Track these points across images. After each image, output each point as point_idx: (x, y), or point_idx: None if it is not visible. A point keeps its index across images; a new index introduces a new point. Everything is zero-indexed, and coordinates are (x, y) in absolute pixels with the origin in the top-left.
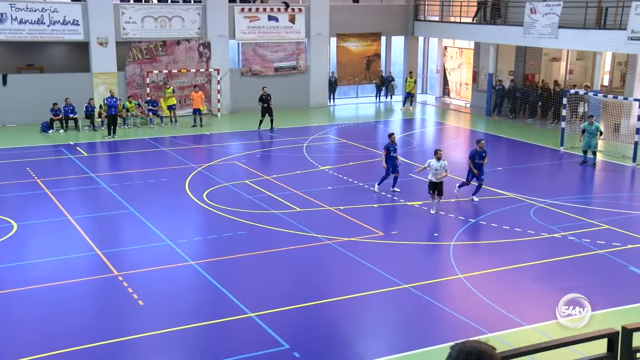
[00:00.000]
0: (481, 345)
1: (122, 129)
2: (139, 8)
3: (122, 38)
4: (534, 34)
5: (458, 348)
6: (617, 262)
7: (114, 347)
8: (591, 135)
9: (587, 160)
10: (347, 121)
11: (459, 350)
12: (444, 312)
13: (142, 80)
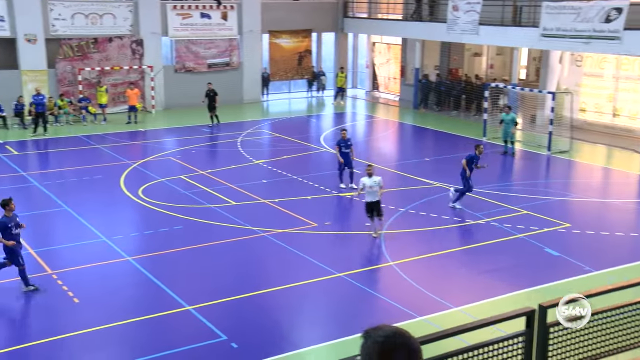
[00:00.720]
0: (410, 340)
1: (54, 126)
2: (69, 5)
3: (52, 35)
4: (456, 31)
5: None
6: (535, 245)
7: (49, 346)
8: (508, 125)
9: (508, 150)
10: (280, 116)
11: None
12: (377, 298)
13: (74, 77)
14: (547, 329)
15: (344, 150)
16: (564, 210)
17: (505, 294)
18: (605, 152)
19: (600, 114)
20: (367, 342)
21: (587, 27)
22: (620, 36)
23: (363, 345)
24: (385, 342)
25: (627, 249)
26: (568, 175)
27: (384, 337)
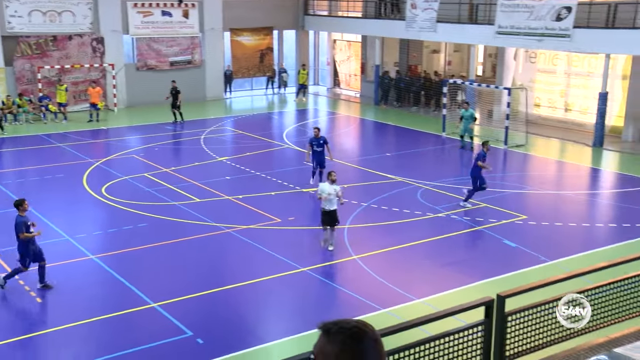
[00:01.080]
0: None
1: (13, 125)
2: (25, 1)
3: (8, 32)
4: (415, 28)
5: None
6: (494, 237)
7: (12, 346)
8: (467, 120)
9: (465, 145)
10: (243, 113)
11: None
12: (340, 292)
13: (33, 76)
14: (505, 317)
15: (316, 148)
16: (521, 203)
17: (466, 285)
18: (558, 146)
19: (554, 108)
20: (330, 335)
21: (539, 25)
22: (570, 34)
23: (328, 338)
24: (354, 332)
25: (580, 239)
26: (524, 169)
27: (351, 328)
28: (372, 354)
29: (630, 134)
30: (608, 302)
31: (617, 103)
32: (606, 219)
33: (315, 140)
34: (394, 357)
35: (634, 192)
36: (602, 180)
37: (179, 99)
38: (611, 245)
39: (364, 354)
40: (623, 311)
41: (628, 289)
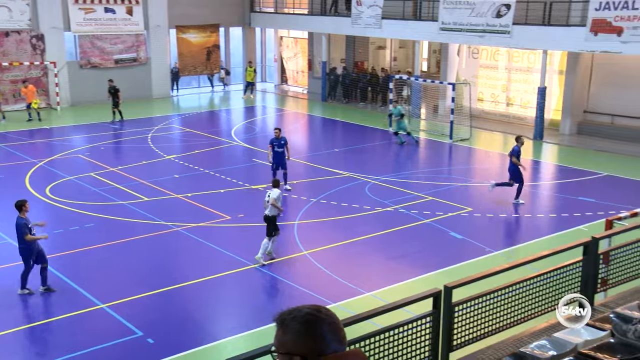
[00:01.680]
0: (329, 312)
1: None
2: None
3: None
4: (360, 24)
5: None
6: (441, 229)
7: None
8: (397, 117)
9: (406, 141)
10: (190, 111)
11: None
12: (291, 287)
13: None
14: (453, 308)
15: (277, 149)
16: (466, 195)
17: (414, 277)
18: (501, 139)
19: (496, 103)
20: (285, 325)
21: (481, 22)
22: (510, 30)
23: (284, 329)
24: (307, 319)
25: (523, 230)
26: (469, 162)
27: (308, 314)
28: (330, 336)
29: (568, 127)
30: (549, 289)
31: (555, 97)
32: (547, 209)
33: (276, 141)
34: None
35: (572, 183)
36: (543, 172)
37: (119, 97)
38: (551, 235)
39: (321, 338)
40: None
41: (567, 275)
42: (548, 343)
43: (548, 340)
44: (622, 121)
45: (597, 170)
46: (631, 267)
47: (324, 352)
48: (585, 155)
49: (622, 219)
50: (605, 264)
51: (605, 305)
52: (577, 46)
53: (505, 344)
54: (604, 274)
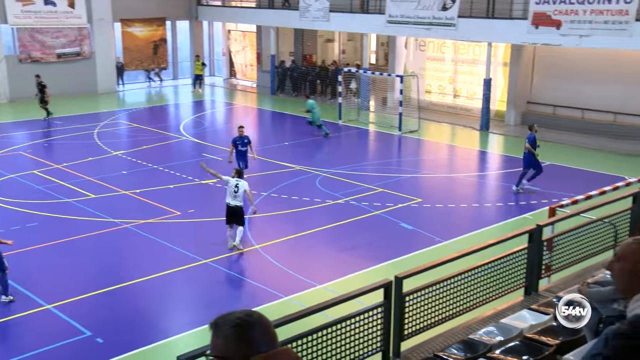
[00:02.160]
0: (261, 317)
1: None
2: None
3: None
4: (308, 18)
5: (241, 323)
6: (391, 220)
7: None
8: (313, 109)
9: (328, 132)
10: (138, 106)
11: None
12: (243, 282)
13: None
14: (403, 298)
15: (240, 148)
16: (416, 187)
17: (365, 268)
18: (449, 130)
19: (443, 95)
20: (218, 330)
21: (427, 15)
22: (455, 23)
23: (218, 332)
24: (238, 323)
25: (471, 219)
26: (418, 153)
27: (238, 319)
28: (260, 340)
29: (513, 118)
30: (496, 277)
31: (500, 89)
32: (493, 199)
33: (239, 140)
34: (297, 343)
35: (517, 173)
36: (489, 162)
37: (47, 93)
38: (498, 223)
39: (253, 341)
40: (508, 284)
41: (513, 263)
42: (495, 329)
43: (495, 327)
44: (562, 111)
45: (540, 160)
46: (573, 253)
47: (256, 352)
48: None
49: (564, 206)
50: (549, 250)
51: (549, 291)
52: (519, 39)
53: (455, 331)
54: (548, 260)
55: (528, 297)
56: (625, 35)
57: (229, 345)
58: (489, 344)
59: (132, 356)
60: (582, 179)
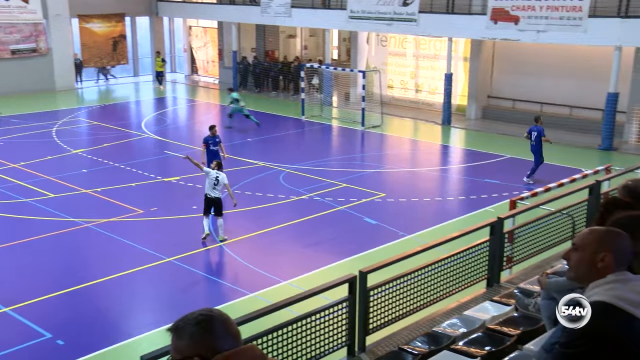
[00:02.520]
0: (220, 312)
1: None
2: None
3: None
4: (270, 13)
5: (202, 319)
6: (355, 215)
7: None
8: (232, 102)
9: (258, 122)
10: (97, 103)
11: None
12: (208, 279)
13: None
14: (368, 292)
15: (212, 147)
16: (379, 181)
17: (330, 264)
18: (411, 125)
19: (405, 90)
20: (179, 331)
21: (388, 10)
22: (416, 18)
23: (182, 333)
24: (200, 321)
25: (434, 213)
26: (381, 148)
27: (201, 315)
28: (224, 333)
29: (474, 112)
30: (459, 269)
31: (461, 83)
32: (456, 192)
33: (211, 139)
34: (263, 339)
35: (478, 166)
36: (451, 156)
37: None
38: (461, 217)
39: (216, 336)
40: (471, 276)
41: (475, 255)
42: (459, 321)
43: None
44: (522, 105)
45: (501, 153)
46: (533, 245)
47: (221, 349)
48: (490, 139)
49: (524, 198)
50: (510, 242)
51: (510, 282)
52: (479, 34)
53: (419, 324)
54: (509, 252)
55: (490, 289)
56: (579, 30)
57: (195, 343)
58: (452, 335)
59: (95, 357)
60: (541, 171)
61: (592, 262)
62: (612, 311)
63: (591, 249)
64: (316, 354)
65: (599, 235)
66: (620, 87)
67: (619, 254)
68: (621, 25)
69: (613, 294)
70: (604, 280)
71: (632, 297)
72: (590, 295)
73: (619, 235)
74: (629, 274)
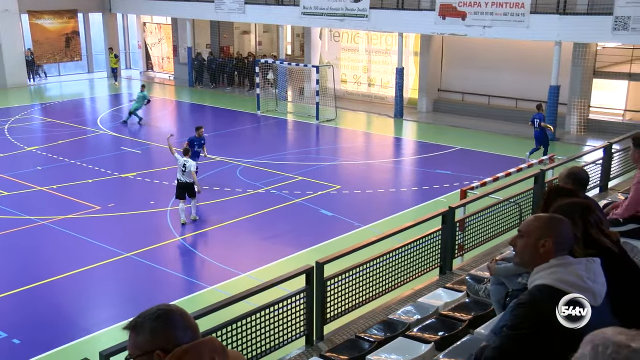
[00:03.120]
0: (176, 306)
1: None
2: None
3: None
4: (224, 10)
5: (160, 314)
6: (311, 208)
7: None
8: (139, 99)
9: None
10: (52, 100)
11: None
12: (167, 273)
13: None
14: (325, 282)
15: (197, 149)
16: (334, 174)
17: (288, 255)
18: (365, 118)
19: (358, 84)
20: (138, 328)
21: (340, 6)
22: (367, 14)
23: (142, 329)
24: (158, 315)
25: (388, 204)
26: (335, 141)
27: (159, 310)
28: (183, 329)
29: (425, 105)
30: (413, 258)
31: (412, 77)
32: (409, 183)
33: (197, 140)
34: (222, 331)
35: (430, 157)
36: (404, 148)
37: None
38: (414, 207)
39: (176, 331)
40: (424, 265)
41: (428, 244)
42: (413, 308)
43: (413, 306)
44: (470, 98)
45: (452, 145)
46: (483, 232)
47: (181, 342)
48: (441, 131)
49: (474, 188)
50: (461, 230)
51: (462, 269)
52: (428, 29)
53: (375, 312)
54: (460, 240)
55: (443, 276)
56: (522, 26)
57: (155, 337)
58: (407, 322)
59: (53, 355)
60: (489, 162)
61: (536, 247)
62: (554, 293)
63: (535, 235)
64: (275, 344)
65: (542, 222)
66: (561, 80)
67: (560, 239)
68: (560, 22)
69: (555, 277)
70: (546, 264)
71: (572, 279)
72: (535, 279)
73: (560, 221)
74: (569, 258)
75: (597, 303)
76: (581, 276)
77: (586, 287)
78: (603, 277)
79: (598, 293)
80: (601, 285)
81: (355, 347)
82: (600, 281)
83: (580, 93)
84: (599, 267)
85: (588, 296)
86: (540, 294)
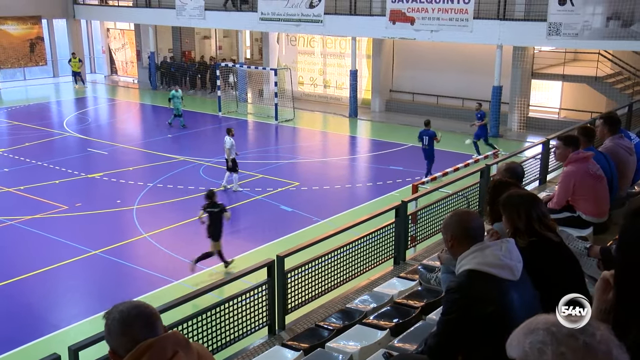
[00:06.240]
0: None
1: None
2: None
3: None
4: (185, 16)
5: (122, 317)
6: (272, 204)
7: None
8: (177, 99)
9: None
10: (17, 104)
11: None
12: (134, 269)
13: None
14: (285, 275)
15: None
16: (293, 171)
17: (250, 250)
18: (321, 118)
19: (315, 85)
20: (105, 323)
21: (296, 12)
22: (322, 20)
23: (105, 327)
24: (123, 317)
25: (345, 199)
26: (294, 140)
27: (120, 313)
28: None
29: (378, 105)
30: (368, 249)
31: (365, 79)
32: (364, 179)
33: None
34: (188, 324)
35: (383, 154)
36: (359, 146)
37: None
38: (369, 202)
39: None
40: (380, 256)
41: (382, 236)
42: (369, 297)
43: (369, 295)
44: (420, 98)
45: (403, 142)
46: (434, 224)
47: (144, 337)
48: (393, 129)
49: (424, 183)
50: (413, 223)
51: (414, 259)
52: (379, 33)
53: (334, 302)
54: (413, 232)
55: (397, 267)
56: (466, 30)
57: (120, 338)
58: (364, 311)
59: (23, 351)
60: (439, 158)
61: (447, 242)
62: (477, 276)
63: (444, 233)
64: (239, 335)
65: (445, 222)
66: (502, 80)
67: (460, 232)
68: (500, 27)
69: (476, 262)
70: (467, 252)
71: (490, 260)
72: (460, 266)
73: (457, 216)
74: (485, 242)
75: (516, 277)
76: (497, 256)
77: (504, 265)
78: (518, 254)
79: (515, 268)
80: (517, 262)
81: (315, 336)
82: (516, 257)
83: (520, 93)
84: (513, 245)
85: (506, 272)
86: (466, 279)
